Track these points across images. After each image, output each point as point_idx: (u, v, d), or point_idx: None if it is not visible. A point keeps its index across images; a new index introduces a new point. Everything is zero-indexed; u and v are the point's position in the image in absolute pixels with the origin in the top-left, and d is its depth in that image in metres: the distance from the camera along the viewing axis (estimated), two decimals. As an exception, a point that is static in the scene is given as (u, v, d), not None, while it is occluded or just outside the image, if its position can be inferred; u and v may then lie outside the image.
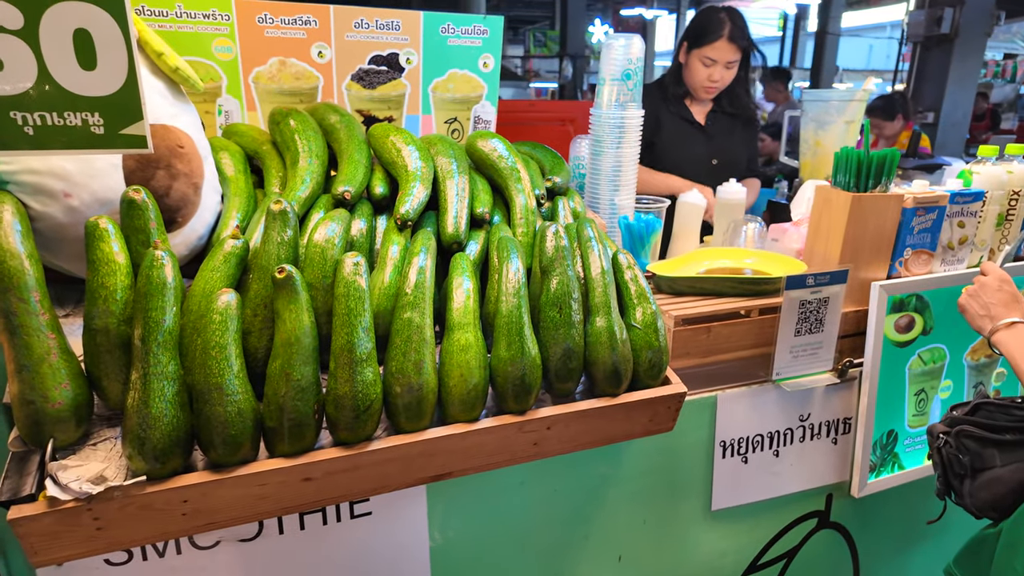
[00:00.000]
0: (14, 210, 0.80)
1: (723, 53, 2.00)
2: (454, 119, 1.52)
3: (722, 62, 2.02)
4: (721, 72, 2.04)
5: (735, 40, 1.99)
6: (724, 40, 1.98)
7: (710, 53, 2.01)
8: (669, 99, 2.17)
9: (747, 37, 2.03)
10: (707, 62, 2.03)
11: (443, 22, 1.40)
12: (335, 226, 0.97)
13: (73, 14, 0.73)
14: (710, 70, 2.04)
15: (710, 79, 2.05)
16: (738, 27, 2.00)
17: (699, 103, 2.18)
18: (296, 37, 1.30)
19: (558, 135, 3.55)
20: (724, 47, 1.99)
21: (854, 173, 1.29)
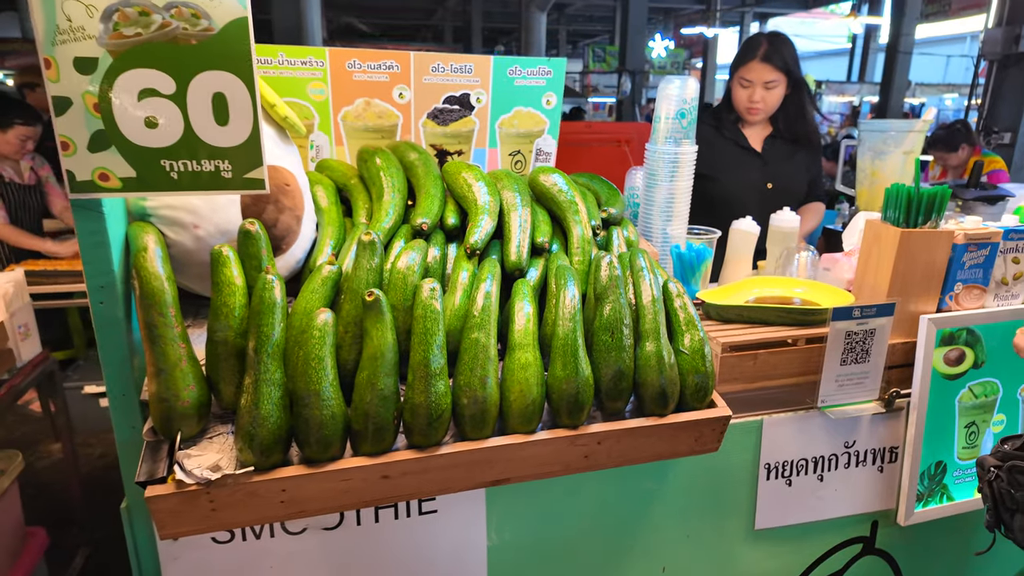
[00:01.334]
0: (156, 239, 0.97)
1: (758, 74, 2.03)
2: (518, 151, 1.64)
3: (759, 83, 2.05)
4: (761, 93, 2.07)
5: (770, 60, 2.01)
6: (758, 60, 2.02)
7: (746, 74, 2.06)
8: (724, 125, 2.22)
9: (785, 58, 2.04)
10: (744, 83, 2.08)
11: (511, 65, 1.52)
12: (415, 255, 1.10)
13: (214, 81, 0.88)
14: (748, 91, 2.08)
15: (750, 100, 2.09)
16: (775, 48, 2.02)
17: (754, 128, 2.22)
18: (380, 80, 1.45)
19: (614, 155, 3.64)
20: (758, 67, 2.03)
21: (904, 209, 1.33)
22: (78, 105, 0.85)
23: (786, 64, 2.04)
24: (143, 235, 0.96)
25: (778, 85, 2.07)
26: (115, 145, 0.88)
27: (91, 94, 0.85)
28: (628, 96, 9.13)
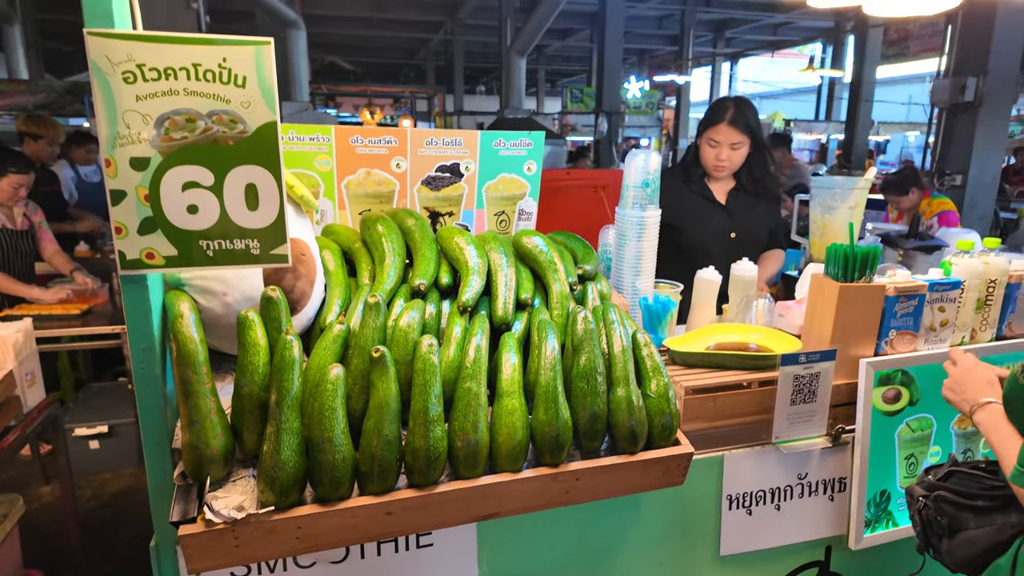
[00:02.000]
0: (190, 306, 1.11)
1: (726, 136, 2.24)
2: (502, 212, 1.82)
3: (726, 144, 2.25)
4: (728, 153, 2.27)
5: (736, 124, 2.22)
6: (725, 124, 2.23)
7: (714, 135, 2.27)
8: (691, 179, 2.42)
9: (749, 122, 2.26)
10: (713, 143, 2.28)
11: (496, 138, 1.71)
12: (414, 314, 1.25)
13: (247, 174, 1.04)
14: (716, 151, 2.28)
15: (717, 159, 2.29)
16: (740, 112, 2.24)
17: (720, 183, 2.42)
18: (380, 153, 1.62)
19: (592, 200, 3.85)
20: (726, 130, 2.23)
21: (842, 266, 1.52)
22: (131, 197, 1.00)
23: (750, 127, 2.26)
24: (179, 303, 1.10)
25: (743, 146, 2.28)
26: (161, 229, 1.03)
27: (143, 187, 1.01)
28: (605, 136, 9.49)
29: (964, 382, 1.25)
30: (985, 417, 1.18)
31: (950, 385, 1.29)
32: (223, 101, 1.00)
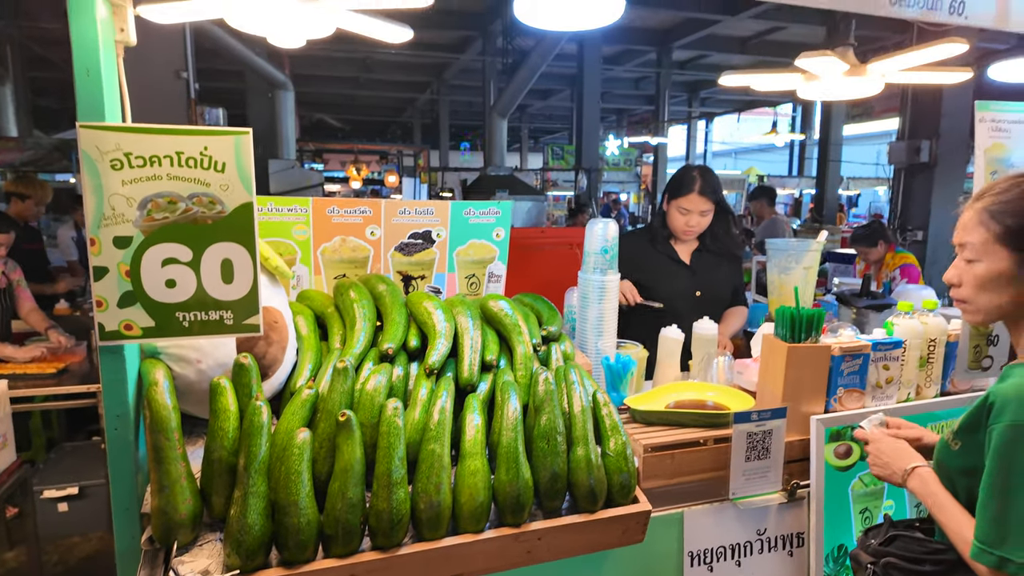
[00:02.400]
0: (165, 373, 1.17)
1: (696, 204, 2.38)
2: (473, 275, 1.91)
3: (696, 211, 2.39)
4: (697, 219, 2.41)
5: (705, 193, 2.37)
6: (695, 194, 2.37)
7: (684, 204, 2.40)
8: (657, 240, 2.54)
9: (716, 190, 2.40)
10: (683, 211, 2.41)
11: (466, 207, 1.81)
12: (381, 377, 1.31)
13: (223, 250, 1.12)
14: (686, 218, 2.41)
15: (687, 225, 2.42)
16: (707, 182, 2.38)
17: (685, 244, 2.55)
18: (355, 222, 1.72)
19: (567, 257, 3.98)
20: (696, 199, 2.37)
21: (789, 327, 1.61)
22: (113, 272, 1.08)
23: (716, 195, 2.40)
24: (154, 371, 1.16)
25: (710, 212, 2.41)
26: (140, 302, 1.10)
27: (124, 263, 1.08)
28: (585, 191, 9.78)
29: (884, 455, 1.30)
30: (917, 485, 1.22)
31: (873, 462, 1.34)
32: (203, 184, 1.09)
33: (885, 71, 1.69)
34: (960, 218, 1.16)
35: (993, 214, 1.07)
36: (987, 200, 1.10)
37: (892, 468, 1.27)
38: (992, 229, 1.07)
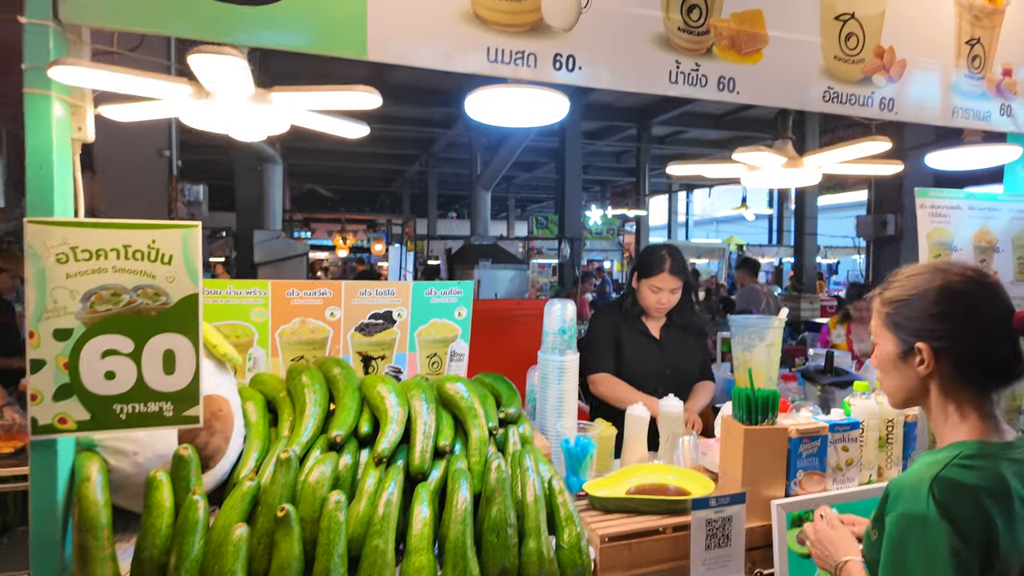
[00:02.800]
0: (99, 467, 1.14)
1: (667, 282, 2.43)
2: (434, 354, 1.91)
3: (667, 289, 2.44)
4: (668, 296, 2.45)
5: (675, 272, 2.43)
6: (666, 273, 2.42)
7: (655, 283, 2.45)
8: (628, 316, 2.57)
9: (684, 268, 2.47)
10: (654, 289, 2.46)
11: (428, 287, 1.84)
12: (326, 468, 1.29)
13: (166, 341, 1.12)
14: (658, 296, 2.46)
15: (658, 302, 2.46)
16: (676, 261, 2.45)
17: (654, 320, 2.58)
18: (314, 303, 1.73)
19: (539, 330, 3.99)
20: (666, 278, 2.43)
21: (745, 409, 1.61)
22: (50, 365, 1.07)
23: (684, 272, 2.47)
24: (88, 465, 1.13)
25: (679, 289, 2.46)
26: (76, 395, 1.08)
27: (63, 356, 1.08)
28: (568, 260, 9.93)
29: (821, 544, 1.29)
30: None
31: (811, 551, 1.33)
32: (149, 276, 1.11)
33: (821, 163, 1.78)
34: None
35: (882, 301, 1.13)
36: (883, 286, 1.15)
37: (827, 558, 1.26)
38: (881, 314, 1.12)
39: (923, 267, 1.11)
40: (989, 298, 1.03)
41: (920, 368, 1.05)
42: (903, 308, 1.08)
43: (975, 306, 1.03)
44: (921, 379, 1.07)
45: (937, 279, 1.05)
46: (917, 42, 1.73)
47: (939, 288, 1.04)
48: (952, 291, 1.04)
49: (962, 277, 1.04)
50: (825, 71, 1.62)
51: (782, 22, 1.56)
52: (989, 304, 1.03)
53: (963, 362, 1.03)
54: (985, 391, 1.04)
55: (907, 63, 1.72)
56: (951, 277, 1.05)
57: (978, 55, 1.80)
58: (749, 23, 1.51)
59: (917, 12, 1.73)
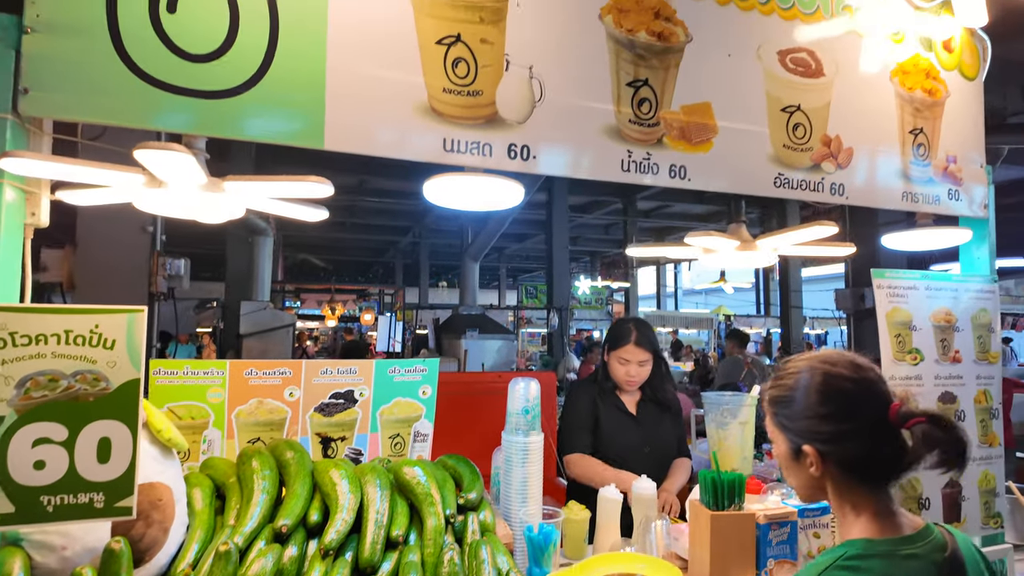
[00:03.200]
0: (22, 565, 1.08)
1: (633, 355, 2.42)
2: (397, 435, 1.87)
3: (634, 361, 2.42)
4: (636, 369, 2.44)
5: (641, 344, 2.42)
6: (632, 344, 2.42)
7: (623, 355, 2.44)
8: (604, 392, 2.54)
9: (651, 340, 2.46)
10: (622, 361, 2.45)
11: (391, 366, 1.82)
12: (267, 562, 1.23)
13: (103, 428, 1.09)
14: (626, 368, 2.44)
15: (627, 375, 2.44)
16: (642, 333, 2.45)
17: (629, 394, 2.55)
18: (273, 383, 1.70)
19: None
20: (633, 350, 2.42)
21: (711, 493, 1.57)
22: (-23, 454, 1.03)
23: (652, 345, 2.46)
24: (9, 562, 1.08)
25: (649, 362, 2.46)
26: (0, 486, 1.04)
27: (-8, 444, 1.04)
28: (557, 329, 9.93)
29: None
30: None
31: None
32: (89, 362, 1.09)
33: (775, 246, 1.82)
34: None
35: (770, 400, 1.13)
36: (768, 384, 1.15)
37: None
38: (770, 413, 1.12)
39: (802, 363, 1.10)
40: (866, 394, 1.02)
41: (811, 470, 1.04)
42: (786, 409, 1.08)
43: (853, 405, 1.02)
44: (815, 479, 1.06)
45: (816, 377, 1.04)
46: (862, 131, 1.81)
47: (818, 387, 1.04)
48: (830, 389, 1.03)
49: (838, 374, 1.03)
50: (775, 158, 1.69)
51: (730, 113, 1.64)
52: (867, 400, 1.02)
53: (849, 463, 1.02)
54: (877, 487, 1.03)
55: (854, 151, 1.79)
56: (829, 373, 1.04)
57: (922, 143, 1.89)
58: (698, 115, 1.58)
59: (860, 104, 1.82)
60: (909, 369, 1.87)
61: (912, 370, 1.87)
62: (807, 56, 1.74)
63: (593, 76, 1.51)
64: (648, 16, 1.55)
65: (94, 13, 1.14)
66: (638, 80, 1.54)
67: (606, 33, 1.53)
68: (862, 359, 1.07)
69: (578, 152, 1.48)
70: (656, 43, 1.56)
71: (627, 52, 1.54)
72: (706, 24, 1.62)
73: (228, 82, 1.23)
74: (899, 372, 1.86)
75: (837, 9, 1.81)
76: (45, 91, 1.11)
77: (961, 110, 1.98)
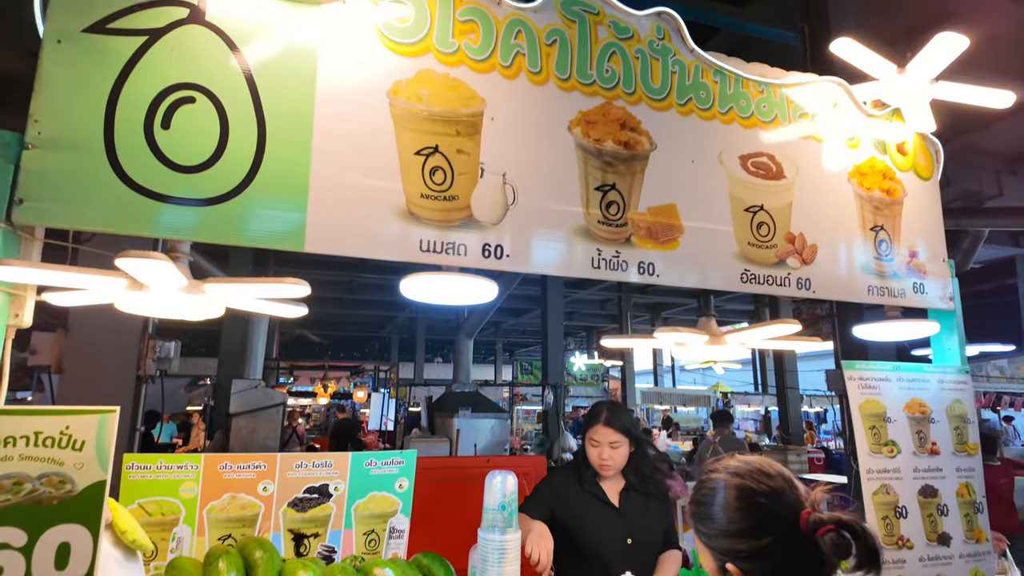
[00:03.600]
0: None
1: (604, 436, 2.33)
2: (372, 531, 1.83)
3: (605, 443, 2.34)
4: (609, 452, 2.35)
5: (610, 424, 2.33)
6: (601, 424, 2.34)
7: (593, 436, 2.37)
8: (584, 479, 2.48)
9: (623, 422, 2.35)
10: (593, 444, 2.37)
11: (367, 458, 1.81)
12: (223, 675, 1.19)
13: (64, 533, 1.09)
14: (598, 450, 2.35)
15: (600, 457, 2.35)
16: (613, 414, 2.37)
17: (610, 481, 2.48)
18: (247, 477, 1.69)
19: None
20: (602, 430, 2.34)
21: (690, 596, 1.53)
22: (-67, 561, 1.02)
23: (624, 427, 2.39)
24: (-47, 676, 1.04)
25: (622, 444, 2.38)
26: (-46, 595, 1.03)
27: (-51, 551, 1.03)
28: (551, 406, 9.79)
29: None
30: None
31: None
32: (57, 464, 1.10)
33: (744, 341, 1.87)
34: None
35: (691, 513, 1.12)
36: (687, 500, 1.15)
37: None
38: (694, 526, 1.12)
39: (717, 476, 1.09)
40: (777, 505, 1.02)
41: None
42: (706, 526, 1.08)
43: (767, 519, 1.01)
44: None
45: (730, 491, 1.04)
46: (825, 229, 1.90)
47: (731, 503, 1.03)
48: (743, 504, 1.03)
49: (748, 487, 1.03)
50: (741, 255, 1.76)
51: (696, 214, 1.72)
52: (778, 512, 1.01)
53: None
54: None
55: (818, 247, 1.87)
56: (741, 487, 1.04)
57: (884, 239, 1.97)
58: (664, 215, 1.67)
59: (822, 203, 1.92)
60: (887, 462, 1.86)
61: (890, 463, 1.86)
62: (768, 160, 1.85)
63: (563, 181, 1.60)
64: (615, 127, 1.67)
65: (93, 131, 1.23)
66: (606, 184, 1.63)
67: (575, 143, 1.64)
68: (770, 465, 1.08)
69: (550, 251, 1.55)
70: (623, 151, 1.66)
71: (595, 160, 1.64)
72: (670, 132, 1.74)
73: (215, 190, 1.30)
74: (876, 465, 1.85)
75: (794, 116, 1.94)
76: (39, 202, 1.18)
77: (920, 208, 2.08)
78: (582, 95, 1.67)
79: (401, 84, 1.51)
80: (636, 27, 1.77)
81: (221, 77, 1.36)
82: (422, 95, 1.52)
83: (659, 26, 1.80)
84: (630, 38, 1.76)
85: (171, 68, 1.32)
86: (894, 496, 1.80)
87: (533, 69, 1.65)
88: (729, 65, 1.86)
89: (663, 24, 1.81)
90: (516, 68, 1.62)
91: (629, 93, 1.73)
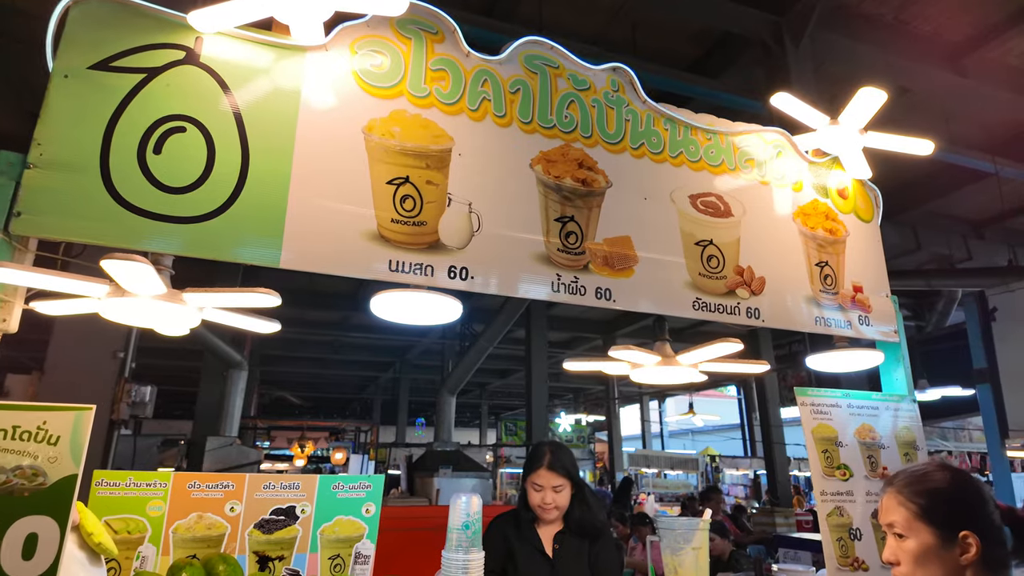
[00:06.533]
0: (-80, 670, 1.06)
1: (546, 480, 2.26)
2: (337, 555, 1.84)
3: (548, 487, 2.26)
4: (552, 496, 2.26)
5: (554, 468, 2.25)
6: (544, 468, 2.27)
7: (536, 480, 2.31)
8: (521, 525, 2.32)
9: (566, 464, 2.29)
10: (536, 488, 2.32)
11: (334, 481, 1.85)
12: (178, 677, 1.19)
13: (32, 524, 1.13)
14: (541, 494, 2.29)
15: (543, 501, 2.29)
16: (556, 457, 2.29)
17: (549, 526, 2.32)
18: (215, 497, 1.72)
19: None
20: (545, 474, 2.26)
21: (648, 612, 1.55)
22: (-99, 548, 1.06)
23: (567, 469, 2.32)
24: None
25: (565, 488, 2.32)
26: (-82, 582, 1.06)
27: (-82, 538, 1.07)
28: (536, 469, 9.65)
29: None
30: None
31: None
32: (31, 457, 1.16)
33: (694, 361, 1.97)
34: (880, 501, 1.29)
35: (908, 495, 1.21)
36: (900, 483, 1.24)
37: None
38: (911, 508, 1.20)
39: (931, 464, 1.27)
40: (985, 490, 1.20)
41: (963, 557, 1.13)
42: (936, 498, 1.19)
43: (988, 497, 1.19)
44: (960, 568, 1.13)
45: (958, 474, 1.21)
46: (772, 264, 2.04)
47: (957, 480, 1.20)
48: (967, 483, 1.19)
49: (961, 472, 1.22)
50: (692, 285, 1.88)
51: (649, 245, 1.86)
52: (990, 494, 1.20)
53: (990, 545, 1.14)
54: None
55: (766, 280, 2.01)
56: (956, 471, 1.22)
57: (829, 274, 2.11)
58: (620, 246, 1.80)
59: (769, 240, 2.07)
60: (839, 484, 1.92)
61: (843, 485, 1.92)
62: (716, 200, 2.01)
63: (525, 212, 1.74)
64: (573, 166, 1.82)
65: (90, 154, 1.36)
66: (565, 216, 1.77)
67: (536, 178, 1.80)
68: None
69: (512, 275, 1.67)
70: (580, 188, 1.82)
71: (555, 194, 1.79)
72: (624, 172, 1.91)
73: (199, 210, 1.42)
74: (829, 487, 1.91)
75: (740, 162, 2.12)
76: (36, 215, 1.28)
77: (862, 247, 2.24)
78: (543, 137, 1.84)
79: (376, 122, 1.66)
80: (593, 79, 1.97)
81: (211, 111, 1.51)
82: (395, 132, 1.67)
83: (614, 79, 2.00)
84: (587, 89, 1.95)
85: (165, 101, 1.47)
86: (848, 518, 1.85)
87: (498, 113, 1.82)
88: (679, 114, 2.05)
89: (617, 78, 2.01)
90: (483, 112, 1.80)
91: (586, 137, 1.91)
